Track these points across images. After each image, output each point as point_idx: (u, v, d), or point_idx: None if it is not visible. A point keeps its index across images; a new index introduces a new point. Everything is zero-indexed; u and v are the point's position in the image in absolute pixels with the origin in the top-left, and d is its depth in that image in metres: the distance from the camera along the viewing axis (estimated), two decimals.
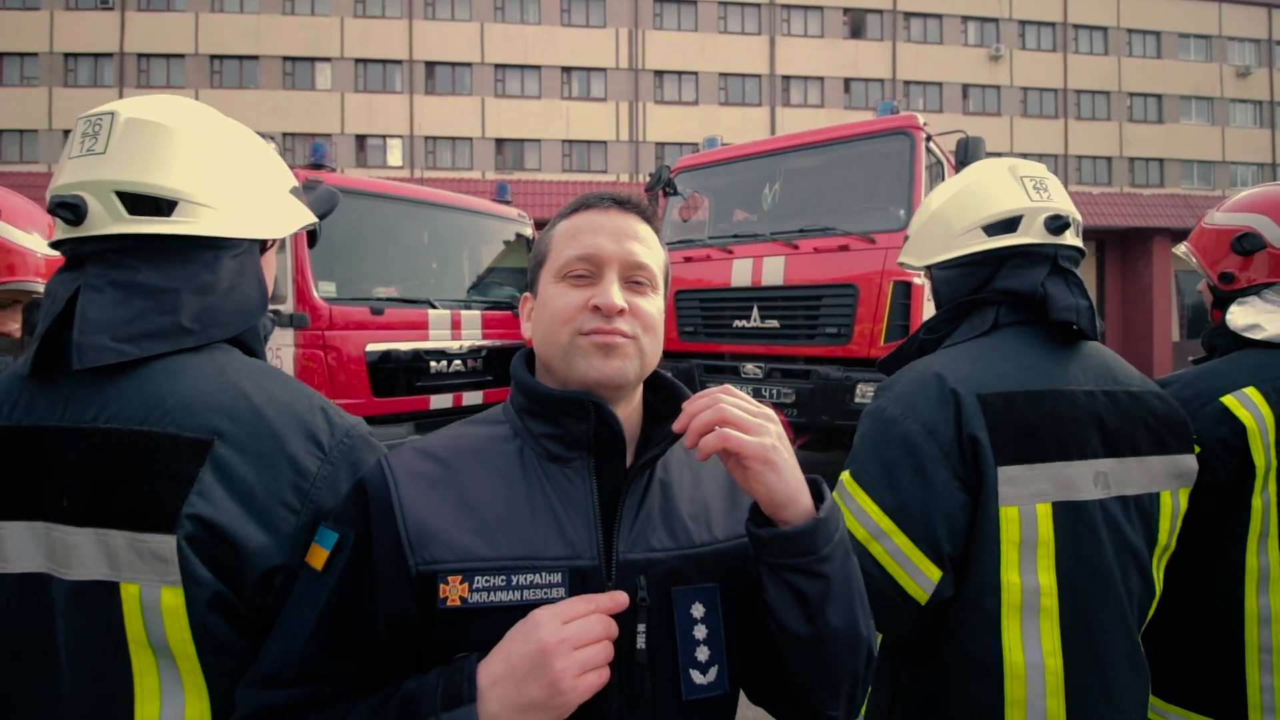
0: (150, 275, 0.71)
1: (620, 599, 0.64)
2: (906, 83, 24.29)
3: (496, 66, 22.79)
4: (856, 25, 24.37)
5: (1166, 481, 1.02)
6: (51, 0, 21.53)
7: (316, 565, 0.67)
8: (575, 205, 0.79)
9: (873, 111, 5.40)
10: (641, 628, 0.66)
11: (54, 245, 0.75)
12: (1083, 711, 0.94)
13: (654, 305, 0.75)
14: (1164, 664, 1.19)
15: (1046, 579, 0.94)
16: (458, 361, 4.99)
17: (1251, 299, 1.19)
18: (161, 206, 0.72)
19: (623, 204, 0.77)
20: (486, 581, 0.64)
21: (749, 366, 5.53)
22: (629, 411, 0.76)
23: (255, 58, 22.15)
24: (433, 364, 4.85)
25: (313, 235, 1.01)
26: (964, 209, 1.13)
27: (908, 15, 24.42)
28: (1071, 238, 1.10)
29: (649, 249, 0.76)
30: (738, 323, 5.55)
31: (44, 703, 0.65)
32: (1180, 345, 19.73)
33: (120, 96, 21.87)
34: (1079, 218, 1.14)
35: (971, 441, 0.95)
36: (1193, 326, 20.34)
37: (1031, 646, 0.94)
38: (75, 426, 0.66)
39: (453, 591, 0.64)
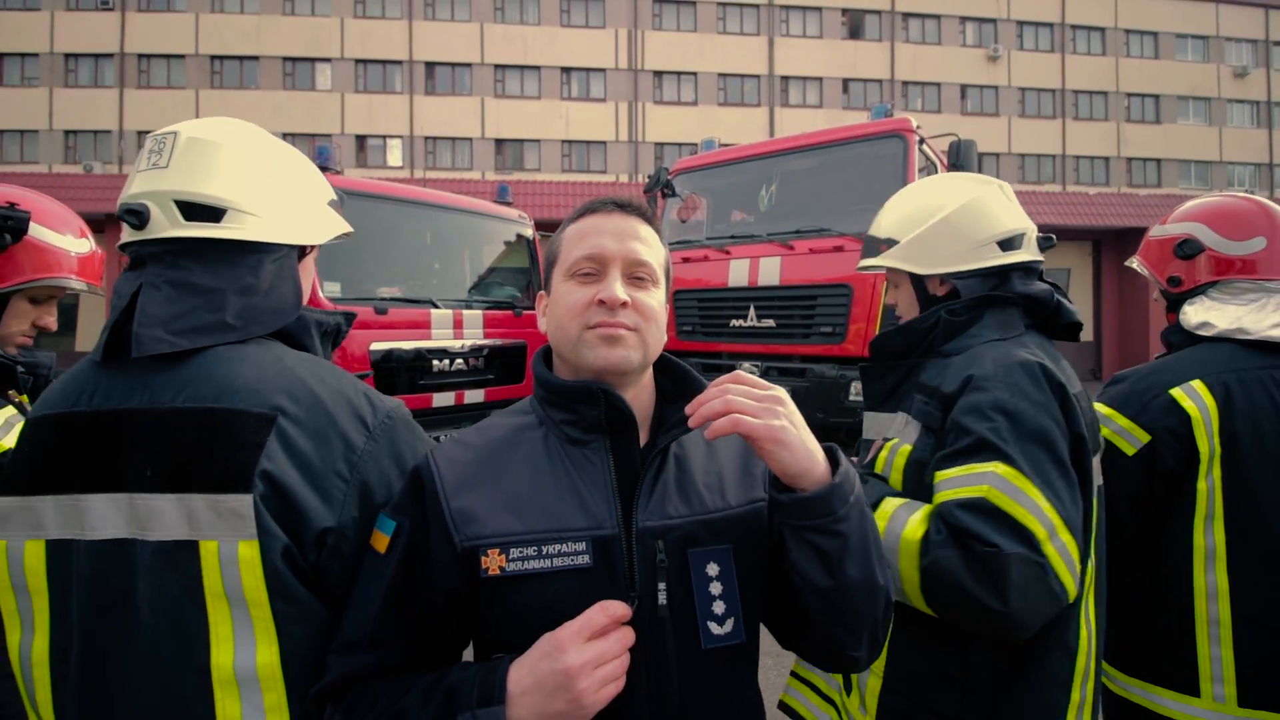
0: (202, 275, 0.80)
1: (626, 612, 0.71)
2: (905, 83, 24.36)
3: (496, 67, 22.85)
4: (855, 26, 24.43)
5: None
6: (52, 1, 21.58)
7: (380, 549, 0.76)
8: (582, 210, 0.87)
9: (870, 112, 5.48)
10: (662, 586, 0.75)
11: (121, 248, 0.85)
12: None
13: (655, 299, 0.83)
14: (1122, 639, 1.28)
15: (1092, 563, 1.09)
16: (460, 360, 5.05)
17: (1200, 299, 1.29)
18: (213, 214, 0.82)
19: (624, 207, 0.85)
20: (520, 552, 0.73)
21: (746, 365, 5.62)
22: (639, 394, 0.83)
23: (255, 58, 22.21)
24: (435, 363, 4.91)
25: None
26: (978, 224, 1.18)
27: (906, 16, 24.48)
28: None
29: (649, 247, 0.83)
30: (735, 322, 5.63)
31: (127, 655, 0.73)
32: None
33: (121, 97, 22.02)
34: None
35: (1077, 438, 1.03)
36: None
37: (1087, 624, 1.07)
38: (155, 408, 0.76)
39: (492, 563, 0.73)
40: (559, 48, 22.94)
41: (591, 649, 0.67)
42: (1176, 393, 1.17)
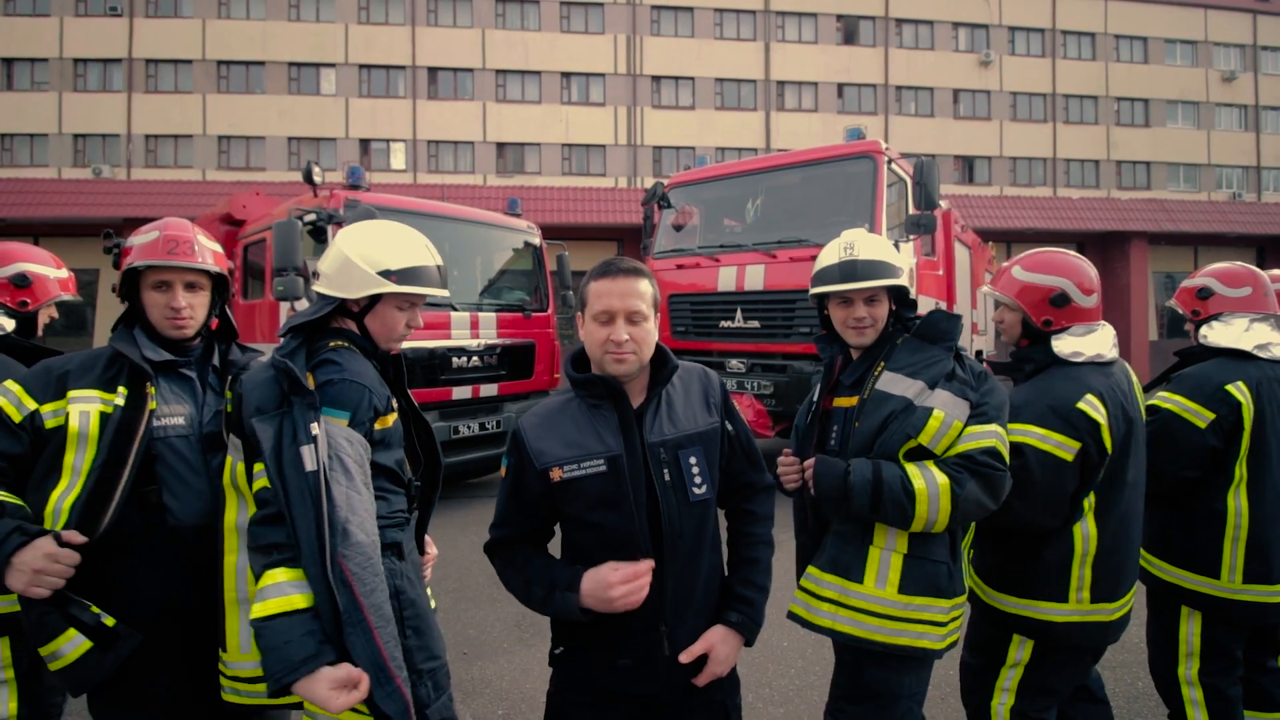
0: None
1: (650, 565, 1.27)
2: (898, 88, 24.49)
3: (497, 72, 22.98)
4: (849, 31, 24.52)
5: None
6: (61, 6, 21.69)
7: (502, 473, 1.38)
8: (599, 271, 1.34)
9: (866, 115, 5.97)
10: (666, 471, 1.29)
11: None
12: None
13: (646, 328, 1.31)
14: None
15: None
16: (476, 358, 5.50)
17: (1064, 336, 1.81)
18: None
19: (626, 271, 1.31)
20: (569, 468, 1.29)
21: (733, 362, 6.09)
22: (639, 376, 1.35)
23: (261, 63, 22.36)
24: (454, 360, 5.36)
25: None
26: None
27: (899, 21, 24.62)
28: None
29: (642, 297, 1.30)
30: (723, 323, 6.09)
31: None
32: (1157, 344, 20.04)
33: (129, 101, 22.18)
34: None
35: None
36: (1171, 326, 20.72)
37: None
38: None
39: (555, 474, 1.29)
40: (559, 53, 23.10)
41: (622, 588, 1.21)
42: (1083, 405, 1.69)
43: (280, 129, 22.36)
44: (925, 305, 6.37)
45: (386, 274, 1.38)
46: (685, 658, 1.26)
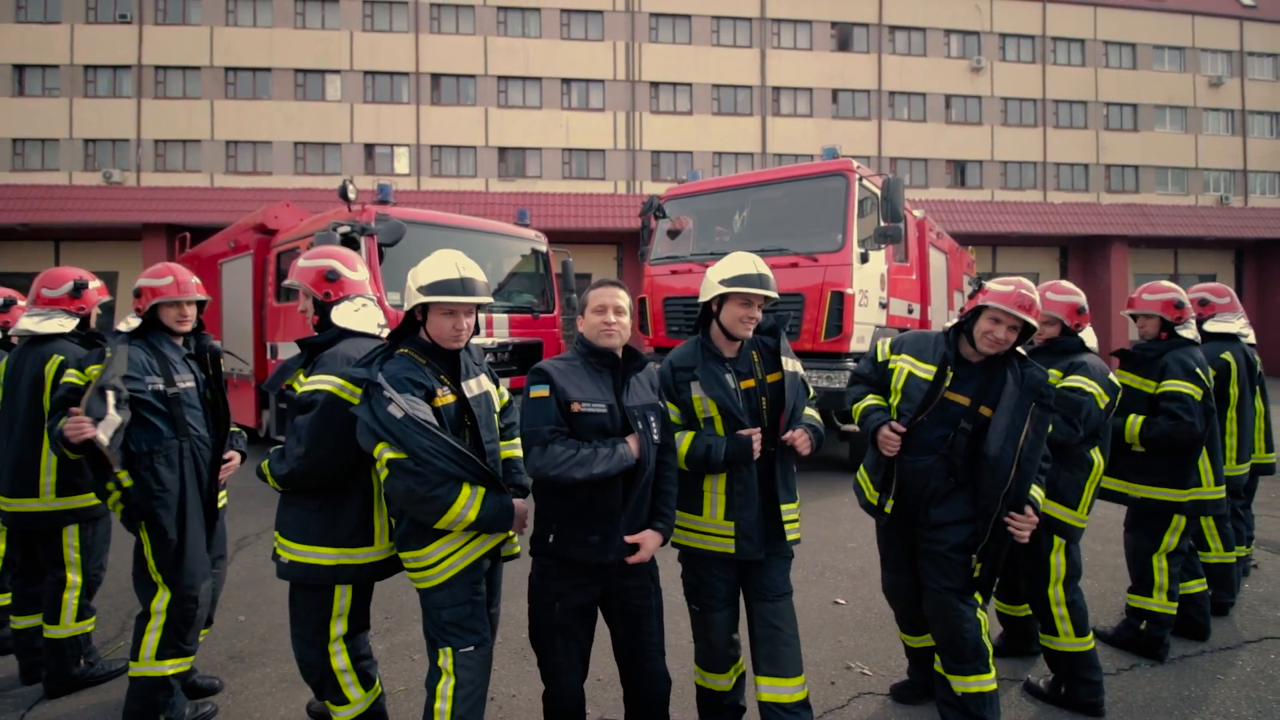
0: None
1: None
2: (891, 93, 24.86)
3: (499, 78, 23.35)
4: (844, 38, 24.90)
5: None
6: (72, 14, 22.08)
7: (534, 395, 1.86)
8: (595, 284, 1.98)
9: (861, 120, 6.53)
10: (639, 423, 1.87)
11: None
12: None
13: (625, 318, 1.93)
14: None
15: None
16: (490, 354, 6.01)
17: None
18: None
19: (613, 284, 1.96)
20: (584, 404, 1.84)
21: None
22: (618, 355, 1.94)
23: (268, 70, 22.73)
24: None
25: (381, 252, 2.43)
26: None
27: (893, 29, 25.01)
28: None
29: (623, 300, 1.94)
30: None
31: None
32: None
33: (138, 107, 22.54)
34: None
35: None
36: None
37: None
38: None
39: (575, 407, 1.84)
40: (559, 60, 23.46)
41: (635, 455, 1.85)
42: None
43: (286, 134, 22.71)
44: (898, 308, 6.91)
45: (421, 289, 1.82)
46: (631, 538, 1.84)
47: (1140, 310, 3.12)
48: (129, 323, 2.50)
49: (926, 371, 2.22)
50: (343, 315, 2.14)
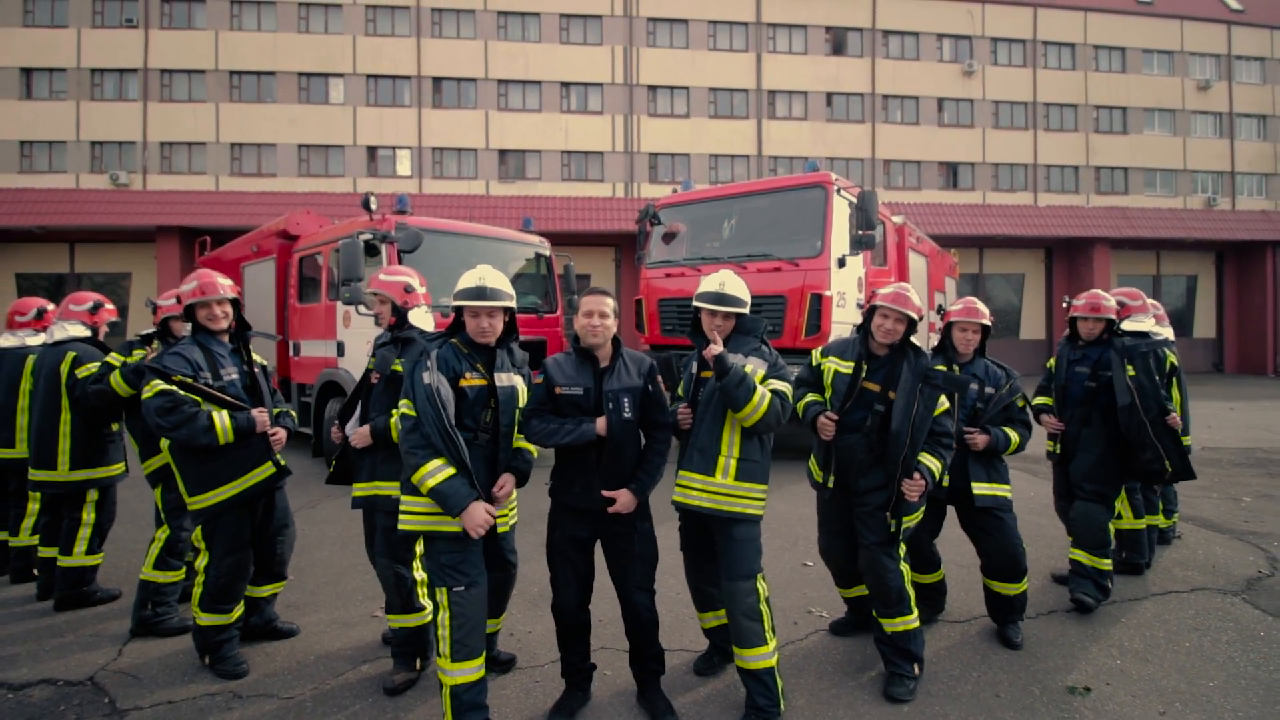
0: None
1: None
2: (885, 96, 25.07)
3: (499, 82, 23.52)
4: (838, 42, 25.12)
5: None
6: (79, 18, 22.23)
7: (538, 381, 2.43)
8: (587, 292, 2.44)
9: (855, 123, 7.03)
10: (611, 403, 2.32)
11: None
12: None
13: (609, 322, 2.36)
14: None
15: None
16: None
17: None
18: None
19: (601, 292, 2.41)
20: (567, 388, 2.37)
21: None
22: (607, 349, 2.41)
23: (272, 73, 22.90)
24: None
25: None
26: None
27: (886, 33, 25.24)
28: None
29: (608, 306, 2.38)
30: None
31: None
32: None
33: (144, 110, 22.76)
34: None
35: None
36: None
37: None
38: None
39: (558, 390, 2.38)
40: (558, 63, 23.64)
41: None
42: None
43: (290, 137, 22.90)
44: None
45: (455, 295, 2.31)
46: (608, 494, 2.29)
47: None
48: (185, 329, 3.05)
49: (847, 367, 2.74)
50: (417, 318, 2.87)
